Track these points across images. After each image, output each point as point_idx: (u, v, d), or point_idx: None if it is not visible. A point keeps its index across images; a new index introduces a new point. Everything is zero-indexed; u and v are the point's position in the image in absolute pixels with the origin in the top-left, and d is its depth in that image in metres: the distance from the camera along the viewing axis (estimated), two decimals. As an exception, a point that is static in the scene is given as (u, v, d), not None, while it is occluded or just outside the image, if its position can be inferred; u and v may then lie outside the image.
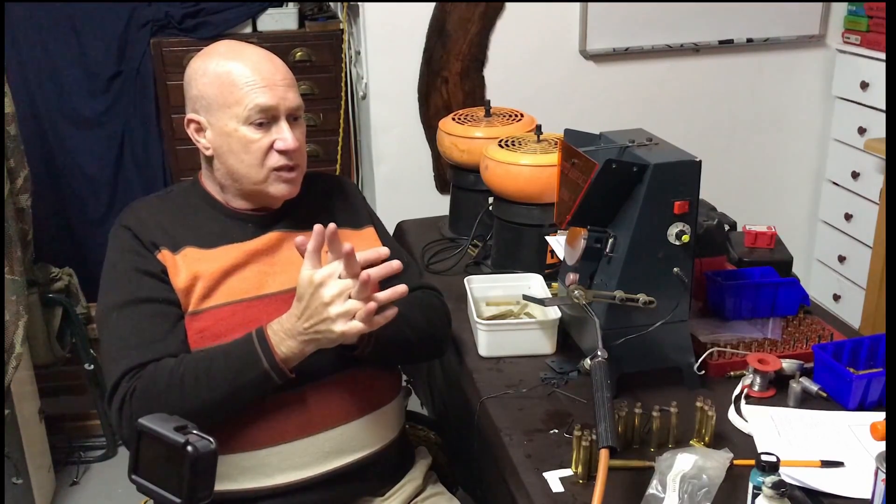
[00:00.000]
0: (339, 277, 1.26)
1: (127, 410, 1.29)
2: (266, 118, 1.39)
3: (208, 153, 1.44)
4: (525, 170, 1.86)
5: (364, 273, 1.24)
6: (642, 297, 1.39)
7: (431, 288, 1.58)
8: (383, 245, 1.48)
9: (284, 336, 1.29)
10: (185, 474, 0.84)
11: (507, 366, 1.61)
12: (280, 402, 1.38)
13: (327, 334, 1.27)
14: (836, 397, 1.45)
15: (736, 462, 1.29)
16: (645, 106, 3.02)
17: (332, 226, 1.27)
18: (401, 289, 1.29)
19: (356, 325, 1.26)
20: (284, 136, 1.40)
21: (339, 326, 1.26)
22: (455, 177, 2.18)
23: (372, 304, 1.25)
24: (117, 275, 1.40)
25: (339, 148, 3.10)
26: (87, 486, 2.67)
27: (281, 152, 1.40)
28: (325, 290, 1.25)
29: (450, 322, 1.58)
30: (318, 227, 1.27)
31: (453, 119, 2.19)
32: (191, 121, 1.44)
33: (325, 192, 1.58)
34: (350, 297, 1.25)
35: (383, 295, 1.28)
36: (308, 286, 1.26)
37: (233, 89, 1.38)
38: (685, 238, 1.41)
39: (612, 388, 1.38)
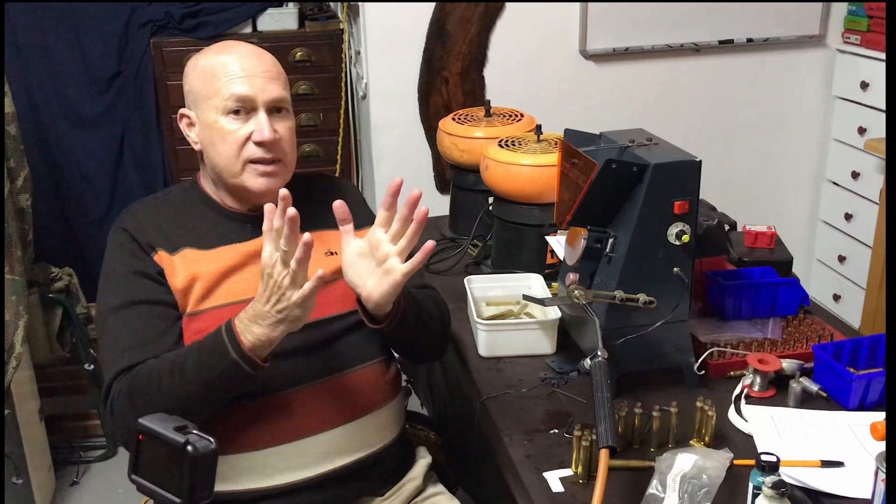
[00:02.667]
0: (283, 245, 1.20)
1: (118, 411, 1.29)
2: (244, 108, 1.38)
3: (197, 147, 1.45)
4: (525, 170, 1.85)
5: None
6: (642, 297, 1.39)
7: (431, 288, 1.58)
8: None
9: (250, 323, 1.25)
10: (185, 474, 0.84)
11: (507, 366, 1.61)
12: (279, 404, 1.38)
13: (289, 311, 1.22)
14: (836, 397, 1.45)
15: (736, 462, 1.29)
16: (645, 106, 3.02)
17: (284, 191, 1.20)
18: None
19: (305, 288, 1.20)
20: (261, 126, 1.38)
21: (294, 295, 1.21)
22: (455, 177, 2.18)
23: (321, 275, 1.21)
24: (115, 277, 1.40)
25: (339, 148, 3.09)
26: (87, 486, 2.67)
27: (258, 144, 1.39)
28: (277, 265, 1.21)
29: (449, 322, 1.58)
30: (268, 205, 1.22)
31: (453, 119, 2.19)
32: (182, 115, 1.45)
33: (324, 192, 1.57)
34: (292, 265, 1.20)
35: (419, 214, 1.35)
36: (265, 267, 1.22)
37: (213, 80, 1.39)
38: (685, 238, 1.41)
39: (612, 388, 1.38)
